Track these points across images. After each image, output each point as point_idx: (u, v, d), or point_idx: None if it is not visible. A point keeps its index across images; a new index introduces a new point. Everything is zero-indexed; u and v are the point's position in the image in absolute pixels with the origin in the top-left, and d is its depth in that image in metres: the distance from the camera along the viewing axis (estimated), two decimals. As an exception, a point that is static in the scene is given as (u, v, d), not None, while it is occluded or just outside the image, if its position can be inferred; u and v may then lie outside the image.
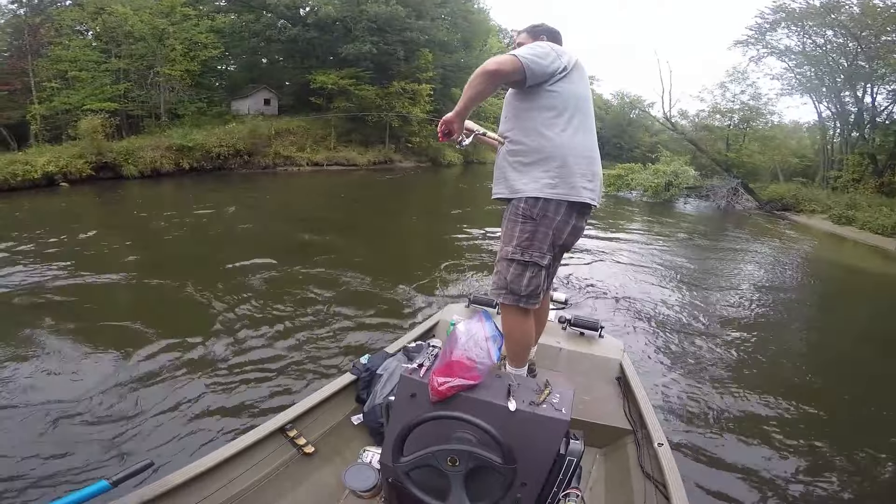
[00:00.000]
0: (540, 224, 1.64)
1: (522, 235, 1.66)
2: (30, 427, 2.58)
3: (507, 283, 1.69)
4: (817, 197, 17.46)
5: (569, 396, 1.40)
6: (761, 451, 2.83)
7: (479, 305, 2.76)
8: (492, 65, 1.51)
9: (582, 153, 1.66)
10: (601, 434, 2.03)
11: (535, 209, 1.64)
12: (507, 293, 1.70)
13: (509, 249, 1.68)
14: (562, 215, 1.64)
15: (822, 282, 8.23)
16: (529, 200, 1.64)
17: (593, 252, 7.39)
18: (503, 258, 1.71)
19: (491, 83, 1.54)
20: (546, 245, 1.66)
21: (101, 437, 2.55)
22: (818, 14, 17.87)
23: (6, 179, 12.21)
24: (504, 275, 1.70)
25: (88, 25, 20.21)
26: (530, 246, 1.66)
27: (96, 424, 2.65)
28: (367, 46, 22.14)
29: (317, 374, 3.27)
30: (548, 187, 1.62)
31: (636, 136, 49.46)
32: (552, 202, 1.62)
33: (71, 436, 2.55)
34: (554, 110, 1.62)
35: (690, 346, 4.24)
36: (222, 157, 18.00)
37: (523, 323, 1.75)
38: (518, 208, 1.66)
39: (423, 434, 1.31)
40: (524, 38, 1.84)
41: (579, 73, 1.66)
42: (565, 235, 1.68)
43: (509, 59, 1.52)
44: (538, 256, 1.66)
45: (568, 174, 1.62)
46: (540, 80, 1.58)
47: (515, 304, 1.70)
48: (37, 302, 4.39)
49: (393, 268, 5.99)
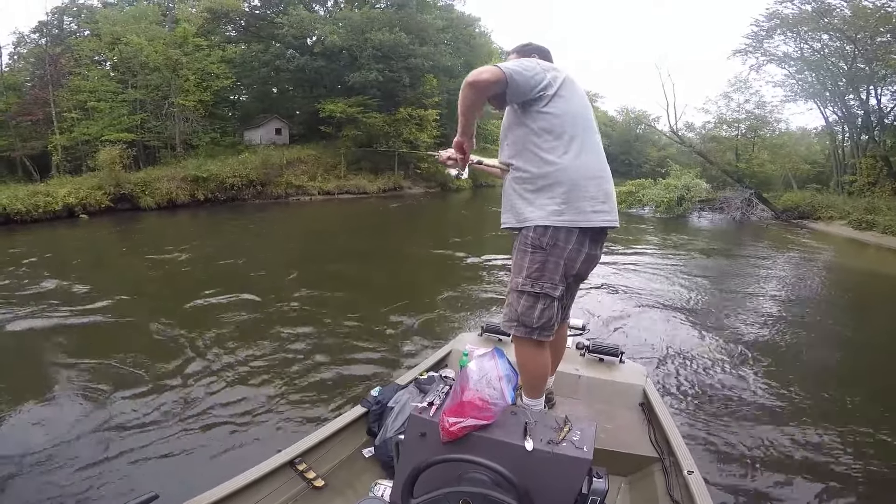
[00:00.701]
0: (550, 254, 1.58)
1: (532, 266, 1.60)
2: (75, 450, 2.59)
3: (518, 315, 1.62)
4: (834, 203, 17.11)
5: (590, 433, 1.32)
6: (797, 481, 2.65)
7: (493, 334, 2.69)
8: (472, 76, 1.48)
9: (589, 174, 1.58)
10: (626, 462, 1.93)
11: (544, 238, 1.57)
12: (519, 325, 1.63)
13: (519, 280, 1.62)
14: (573, 244, 1.58)
15: (849, 292, 7.94)
16: (538, 229, 1.58)
17: (609, 274, 7.26)
18: (513, 289, 1.65)
19: (475, 93, 1.49)
20: (558, 275, 1.60)
21: (107, 469, 2.53)
22: (811, 19, 17.86)
23: (28, 211, 12.62)
24: (515, 307, 1.63)
25: (106, 56, 21.01)
26: (541, 277, 1.59)
27: (102, 455, 2.63)
28: (373, 74, 22.70)
29: (327, 407, 3.20)
30: (555, 214, 1.56)
31: (644, 151, 49.44)
32: (562, 230, 1.56)
33: (78, 467, 2.53)
34: (552, 133, 1.56)
35: (716, 368, 4.07)
36: (236, 188, 18.36)
37: (538, 355, 1.68)
38: (527, 238, 1.60)
39: (434, 474, 1.25)
40: (514, 58, 1.81)
41: (572, 89, 1.59)
42: (578, 265, 1.62)
43: (490, 68, 1.48)
44: (549, 287, 1.59)
45: (576, 199, 1.55)
46: (525, 92, 1.52)
47: (528, 336, 1.63)
48: (49, 342, 4.42)
49: (403, 296, 5.94)
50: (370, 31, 22.95)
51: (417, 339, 4.48)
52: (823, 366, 4.44)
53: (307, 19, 24.25)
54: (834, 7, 17.26)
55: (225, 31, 26.37)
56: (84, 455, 2.64)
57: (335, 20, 24.46)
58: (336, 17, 24.86)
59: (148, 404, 3.20)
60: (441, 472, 1.25)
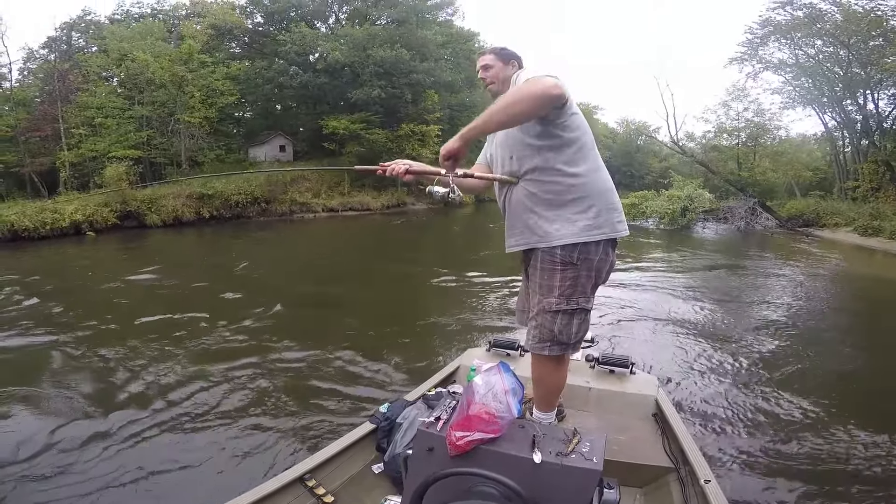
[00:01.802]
0: (581, 268, 1.55)
1: (564, 283, 1.56)
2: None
3: (555, 335, 1.59)
4: (839, 209, 17.04)
5: (600, 444, 1.32)
6: (813, 490, 2.61)
7: (500, 349, 2.68)
8: (554, 88, 1.34)
9: (609, 186, 1.60)
10: (640, 473, 1.91)
11: (574, 253, 1.54)
12: (554, 344, 1.60)
13: (553, 301, 1.57)
14: (601, 254, 1.57)
15: (859, 299, 7.87)
16: (567, 246, 1.53)
17: (617, 287, 7.23)
18: (545, 311, 1.59)
19: (540, 108, 1.38)
20: (589, 288, 1.59)
21: (115, 485, 2.52)
22: (804, 25, 18.00)
23: (36, 228, 12.73)
24: (549, 327, 1.59)
25: (113, 72, 21.39)
26: (574, 293, 1.56)
27: (111, 471, 2.63)
28: (375, 91, 23.00)
29: (335, 423, 3.19)
30: (587, 230, 1.52)
31: (645, 162, 49.60)
32: (591, 244, 1.54)
33: (84, 481, 2.54)
34: (575, 145, 1.53)
35: (727, 378, 4.02)
36: (241, 206, 18.49)
37: (558, 371, 1.68)
38: (554, 255, 1.55)
39: (443, 488, 1.24)
40: (491, 59, 1.71)
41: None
42: (605, 273, 1.62)
43: (558, 81, 1.36)
44: (584, 301, 1.58)
45: (606, 211, 1.56)
46: (561, 106, 1.47)
47: (563, 353, 1.62)
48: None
49: (410, 313, 5.95)
50: (372, 47, 23.34)
51: (425, 355, 4.46)
52: (838, 374, 4.37)
53: (309, 36, 24.68)
54: (825, 12, 17.44)
55: (229, 47, 26.90)
56: (91, 471, 2.64)
57: (337, 37, 24.91)
58: (338, 33, 25.35)
59: (154, 420, 3.19)
60: (449, 486, 1.24)
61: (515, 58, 1.73)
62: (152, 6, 25.95)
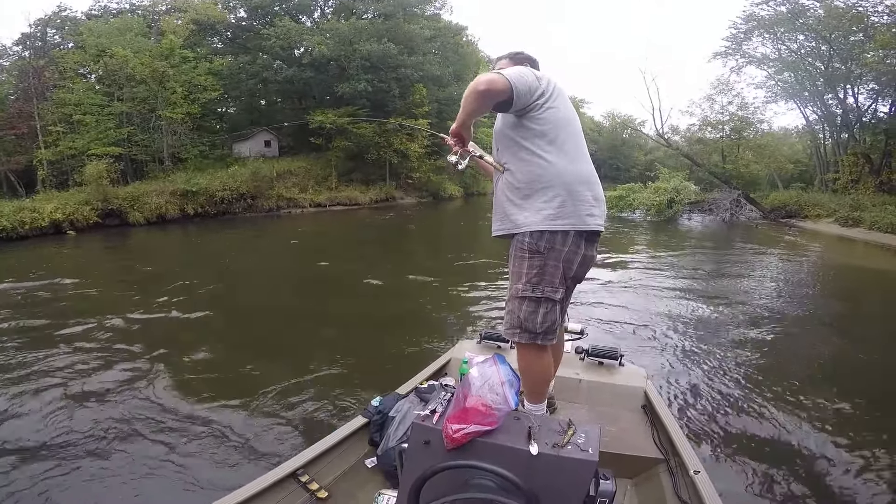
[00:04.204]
0: (548, 257, 1.58)
1: (531, 271, 1.59)
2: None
3: (521, 321, 1.62)
4: (820, 201, 17.41)
5: (595, 435, 1.32)
6: (801, 473, 2.67)
7: (492, 341, 2.69)
8: (482, 84, 1.47)
9: (582, 178, 1.61)
10: (631, 464, 1.94)
11: (540, 242, 1.58)
12: (522, 332, 1.63)
13: (519, 287, 1.62)
14: (570, 245, 1.58)
15: (841, 287, 8.07)
16: (534, 234, 1.58)
17: (605, 278, 7.29)
18: (514, 296, 1.64)
19: (483, 102, 1.51)
20: (557, 278, 1.60)
21: (107, 480, 2.51)
22: (786, 20, 18.32)
23: (14, 228, 12.36)
24: (517, 313, 1.63)
25: (91, 68, 20.76)
26: (541, 281, 1.59)
27: (100, 467, 2.61)
28: (362, 84, 22.78)
29: (327, 418, 3.17)
30: (551, 218, 1.56)
31: (631, 155, 50.05)
32: (558, 233, 1.57)
33: (71, 475, 2.53)
34: (546, 137, 1.58)
35: (716, 368, 4.09)
36: (226, 202, 18.20)
37: (540, 360, 1.68)
38: (523, 243, 1.60)
39: (440, 481, 1.24)
40: (505, 63, 1.81)
41: (561, 98, 1.63)
42: (576, 266, 1.62)
43: (498, 77, 1.49)
44: (550, 291, 1.59)
45: (572, 202, 1.57)
46: (525, 101, 1.54)
47: (532, 341, 1.63)
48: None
49: (400, 306, 5.93)
50: (358, 41, 23.07)
51: (416, 348, 4.45)
52: (821, 362, 4.47)
53: (294, 31, 24.29)
54: (808, 7, 17.79)
55: (211, 43, 26.36)
56: (81, 467, 2.61)
57: (322, 31, 24.51)
58: (323, 28, 24.93)
59: (146, 416, 3.15)
60: (447, 479, 1.24)
61: (528, 59, 1.81)
62: (131, 2, 25.27)
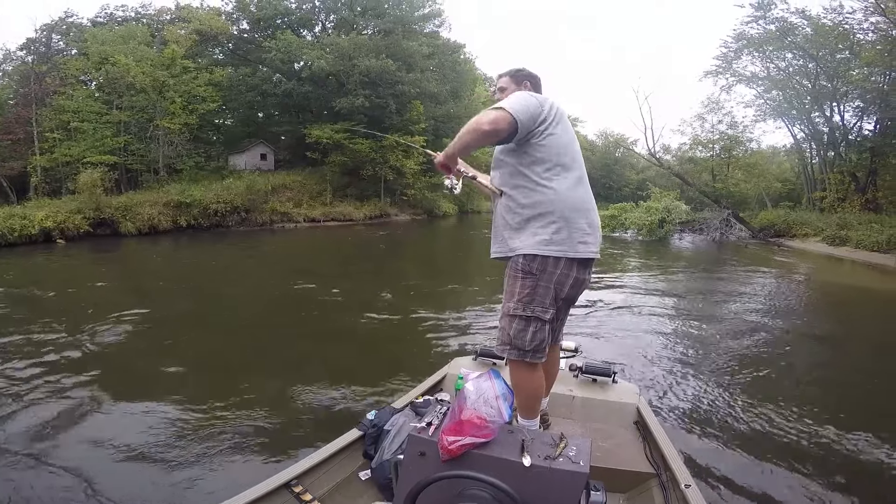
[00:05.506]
0: (540, 279, 1.64)
1: (523, 291, 1.64)
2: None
3: (511, 338, 1.67)
4: (808, 220, 17.67)
5: (586, 448, 1.36)
6: (792, 487, 2.69)
7: (487, 358, 2.72)
8: (486, 125, 1.50)
9: (579, 205, 1.65)
10: (623, 479, 1.97)
11: (533, 264, 1.63)
12: (512, 348, 1.68)
13: (511, 305, 1.67)
14: (562, 269, 1.63)
15: (829, 305, 8.20)
16: (528, 256, 1.63)
17: (598, 298, 7.33)
18: (506, 314, 1.70)
19: (485, 142, 1.55)
20: (548, 299, 1.65)
21: (98, 491, 2.45)
22: (775, 38, 18.89)
23: (3, 235, 12.14)
24: (507, 330, 1.68)
25: (92, 76, 20.79)
26: (532, 301, 1.64)
27: (88, 480, 2.54)
28: (359, 100, 22.98)
29: (321, 431, 3.15)
30: (544, 243, 1.61)
31: (623, 174, 50.75)
32: (550, 258, 1.62)
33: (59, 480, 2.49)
34: (546, 163, 1.62)
35: (707, 384, 4.12)
36: (220, 215, 18.07)
37: (531, 377, 1.72)
38: (517, 264, 1.66)
39: (435, 492, 1.27)
40: (506, 81, 1.85)
41: (563, 122, 1.66)
42: (567, 289, 1.67)
43: (502, 115, 1.51)
44: (540, 311, 1.65)
45: (567, 229, 1.62)
46: (528, 130, 1.58)
47: (521, 359, 1.68)
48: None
49: (397, 322, 5.93)
50: (357, 57, 23.35)
51: (412, 363, 4.45)
52: (812, 377, 4.55)
53: (295, 44, 24.60)
54: (796, 26, 18.37)
55: (213, 54, 26.59)
56: (70, 479, 2.55)
57: (323, 46, 24.83)
58: (324, 42, 25.25)
59: (137, 427, 3.11)
60: (441, 490, 1.27)
61: (530, 78, 1.85)
62: (136, 10, 25.57)
